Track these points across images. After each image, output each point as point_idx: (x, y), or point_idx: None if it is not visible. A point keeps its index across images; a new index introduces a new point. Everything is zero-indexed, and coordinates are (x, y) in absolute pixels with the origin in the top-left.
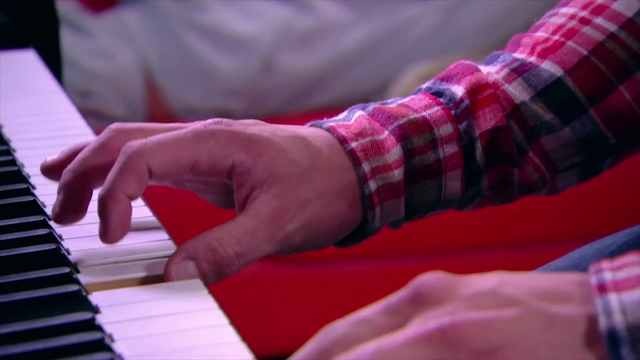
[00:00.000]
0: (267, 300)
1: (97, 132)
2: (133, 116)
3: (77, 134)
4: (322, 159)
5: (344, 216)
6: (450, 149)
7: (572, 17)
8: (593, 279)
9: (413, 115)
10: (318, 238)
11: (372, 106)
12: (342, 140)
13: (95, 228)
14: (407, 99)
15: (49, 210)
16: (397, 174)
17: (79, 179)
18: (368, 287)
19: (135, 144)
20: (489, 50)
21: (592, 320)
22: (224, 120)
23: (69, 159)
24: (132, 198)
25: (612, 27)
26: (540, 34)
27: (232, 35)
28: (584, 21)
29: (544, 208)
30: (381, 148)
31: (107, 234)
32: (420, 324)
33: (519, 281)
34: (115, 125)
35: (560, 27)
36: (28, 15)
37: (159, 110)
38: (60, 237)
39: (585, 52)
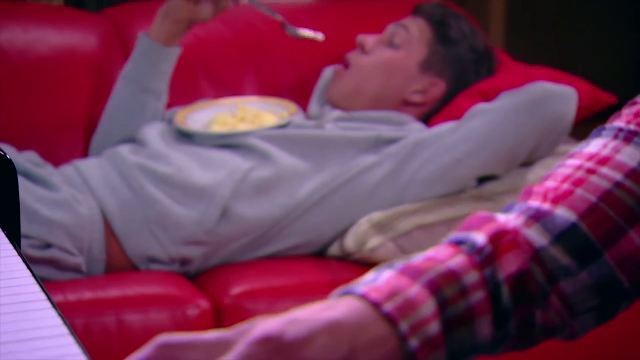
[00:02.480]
0: None
1: (51, 284)
2: (92, 266)
3: (32, 299)
4: (361, 337)
5: None
6: (479, 295)
7: (579, 167)
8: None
9: (440, 268)
10: None
11: (400, 265)
12: (376, 305)
13: None
14: (431, 252)
15: None
16: (434, 326)
17: None
18: None
19: None
20: (439, 198)
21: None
22: (261, 331)
23: None
24: None
25: (617, 175)
26: (550, 183)
27: (191, 185)
28: (590, 171)
29: None
30: (414, 304)
31: None
32: None
33: None
34: (161, 341)
35: (568, 176)
36: None
37: (118, 259)
38: None
39: (594, 199)
